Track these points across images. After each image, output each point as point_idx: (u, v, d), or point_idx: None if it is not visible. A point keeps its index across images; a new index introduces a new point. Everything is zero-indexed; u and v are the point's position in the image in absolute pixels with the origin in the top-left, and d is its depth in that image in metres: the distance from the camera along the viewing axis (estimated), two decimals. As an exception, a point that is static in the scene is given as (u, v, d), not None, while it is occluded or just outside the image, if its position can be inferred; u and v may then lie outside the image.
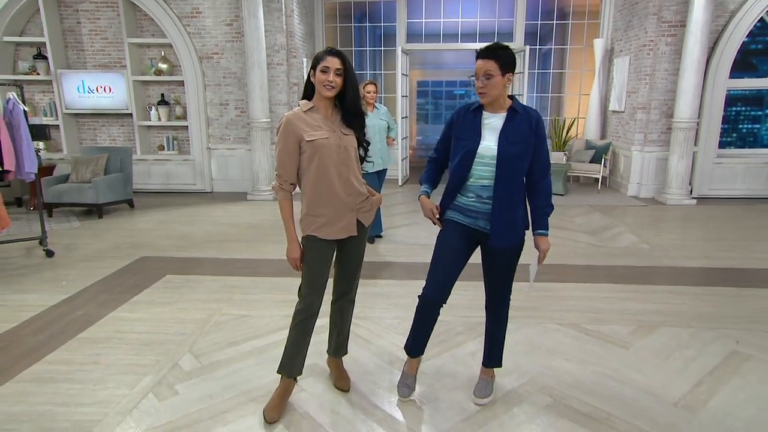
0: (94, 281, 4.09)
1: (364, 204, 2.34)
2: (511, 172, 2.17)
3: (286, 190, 2.26)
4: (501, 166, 2.16)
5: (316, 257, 2.29)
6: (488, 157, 2.18)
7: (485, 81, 2.12)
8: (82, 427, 2.27)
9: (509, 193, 2.20)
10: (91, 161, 6.45)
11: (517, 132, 2.17)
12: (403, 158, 8.86)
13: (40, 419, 2.33)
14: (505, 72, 2.12)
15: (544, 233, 2.29)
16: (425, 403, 2.48)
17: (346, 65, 2.14)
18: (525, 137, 2.16)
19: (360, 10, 9.53)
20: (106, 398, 2.49)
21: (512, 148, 2.15)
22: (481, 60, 2.13)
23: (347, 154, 2.24)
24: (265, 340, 3.09)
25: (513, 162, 2.16)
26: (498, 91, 2.15)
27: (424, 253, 4.83)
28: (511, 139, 2.16)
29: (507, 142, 2.15)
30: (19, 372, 2.71)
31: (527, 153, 2.18)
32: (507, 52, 2.13)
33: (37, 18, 7.47)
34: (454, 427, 2.30)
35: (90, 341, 3.08)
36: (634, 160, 7.55)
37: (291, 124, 2.18)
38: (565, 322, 3.36)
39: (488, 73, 2.11)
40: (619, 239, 5.39)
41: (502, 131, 2.17)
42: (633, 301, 3.70)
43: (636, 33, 7.47)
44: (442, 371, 2.77)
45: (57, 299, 3.71)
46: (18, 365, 2.78)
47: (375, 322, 3.35)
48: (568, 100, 9.65)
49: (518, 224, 2.25)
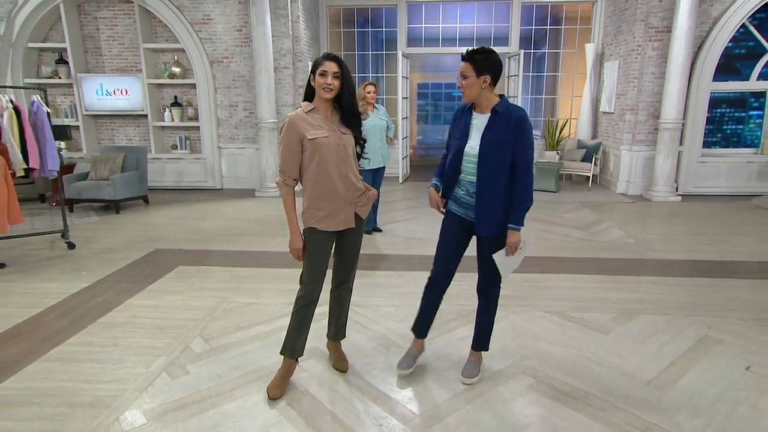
0: (112, 271, 4.20)
1: (360, 198, 2.43)
2: (491, 170, 2.25)
3: (288, 185, 2.35)
4: (481, 164, 2.26)
5: (317, 248, 2.38)
6: (472, 155, 2.29)
7: (462, 81, 2.24)
8: (103, 401, 2.38)
9: (491, 188, 2.28)
10: (109, 160, 6.56)
11: (496, 132, 2.24)
12: (404, 157, 8.93)
13: (65, 394, 2.44)
14: (480, 74, 2.19)
15: (513, 227, 2.28)
16: (417, 382, 2.57)
17: (343, 69, 2.23)
18: (504, 137, 2.22)
19: (362, 16, 9.59)
20: (123, 376, 2.60)
21: (491, 148, 2.23)
22: (462, 62, 2.23)
23: (345, 151, 2.33)
24: (269, 326, 3.19)
25: (492, 160, 2.24)
26: (474, 92, 2.24)
27: (422, 247, 4.93)
28: (490, 139, 2.24)
29: (486, 141, 2.24)
30: (45, 353, 2.83)
31: (507, 152, 2.22)
32: (484, 56, 2.19)
33: (59, 25, 7.58)
34: (444, 404, 2.39)
35: (109, 326, 3.19)
36: (623, 158, 7.60)
37: (294, 123, 2.27)
38: (550, 309, 3.44)
39: (464, 74, 2.22)
40: (607, 234, 5.46)
41: (484, 131, 2.26)
42: (616, 291, 3.78)
43: (625, 38, 7.51)
44: (434, 353, 2.85)
45: (78, 287, 3.82)
46: (43, 347, 2.90)
47: (373, 309, 3.45)
48: (561, 102, 9.69)
49: (500, 217, 2.30)
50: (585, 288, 3.86)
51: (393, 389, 2.51)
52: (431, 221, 6.01)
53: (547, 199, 7.30)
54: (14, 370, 2.65)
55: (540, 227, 5.71)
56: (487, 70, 2.19)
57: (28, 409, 2.33)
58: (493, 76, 2.22)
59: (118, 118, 8.19)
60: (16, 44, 7.39)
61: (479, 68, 2.19)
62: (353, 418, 2.28)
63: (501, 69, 2.25)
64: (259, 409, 2.34)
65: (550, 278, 4.06)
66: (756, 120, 7.82)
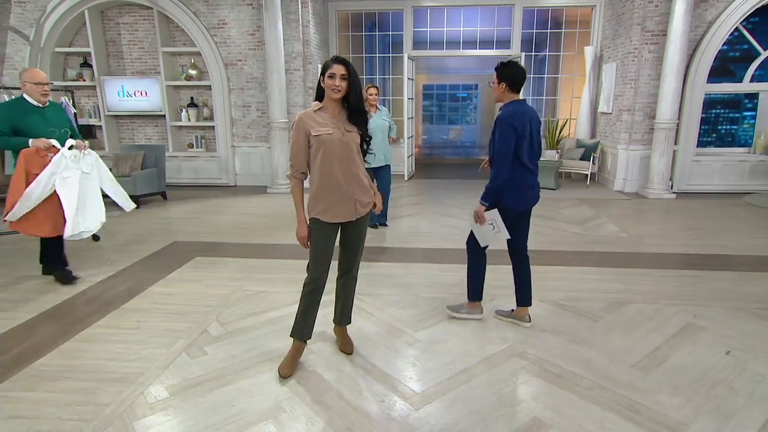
0: (134, 261, 4.34)
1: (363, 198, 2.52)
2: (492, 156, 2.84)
3: (297, 178, 2.47)
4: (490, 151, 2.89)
5: (321, 237, 2.49)
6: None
7: (493, 86, 2.85)
8: (129, 378, 2.51)
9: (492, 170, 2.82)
10: (130, 158, 6.72)
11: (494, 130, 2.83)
12: (409, 155, 9.02)
13: (95, 371, 2.58)
14: (500, 81, 2.77)
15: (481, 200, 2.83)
16: (417, 363, 2.68)
17: (350, 71, 2.33)
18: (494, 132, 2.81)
19: (370, 20, 9.67)
20: (147, 356, 2.72)
21: (491, 141, 2.86)
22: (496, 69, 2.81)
23: (348, 147, 2.42)
24: (280, 312, 3.30)
25: (492, 149, 2.85)
26: (497, 94, 2.83)
27: (424, 241, 5.03)
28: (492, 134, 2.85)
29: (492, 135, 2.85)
30: (76, 333, 2.97)
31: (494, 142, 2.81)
32: (504, 67, 2.75)
33: (84, 31, 7.75)
34: (441, 383, 2.49)
35: (132, 311, 3.32)
36: (620, 157, 7.63)
37: (301, 121, 2.39)
38: (545, 299, 3.52)
39: (493, 82, 2.84)
40: (602, 229, 5.52)
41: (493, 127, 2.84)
42: (608, 282, 3.85)
43: (622, 41, 7.53)
44: (434, 338, 2.95)
45: (104, 275, 3.97)
46: (75, 328, 3.04)
47: (377, 298, 3.55)
48: (561, 103, 9.71)
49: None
50: (580, 279, 3.94)
51: (395, 370, 2.61)
52: (434, 217, 6.11)
53: (546, 196, 7.35)
54: (49, 349, 2.79)
55: (540, 223, 5.78)
56: (504, 78, 2.75)
57: (64, 383, 2.47)
58: (509, 84, 2.75)
59: (138, 119, 8.35)
60: (44, 49, 7.57)
61: (500, 76, 2.76)
62: (357, 395, 2.39)
63: (518, 78, 2.72)
64: (270, 386, 2.45)
65: (548, 270, 4.13)
66: (749, 120, 7.82)
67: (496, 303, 3.39)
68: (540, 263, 4.29)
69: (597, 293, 3.63)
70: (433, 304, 3.45)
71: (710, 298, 3.51)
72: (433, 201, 7.07)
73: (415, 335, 3.00)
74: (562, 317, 3.23)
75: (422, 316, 3.26)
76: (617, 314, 3.27)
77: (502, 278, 3.59)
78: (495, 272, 3.56)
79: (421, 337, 2.97)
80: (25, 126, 3.51)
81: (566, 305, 3.42)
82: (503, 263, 3.30)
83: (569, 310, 3.34)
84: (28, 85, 3.52)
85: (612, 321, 3.17)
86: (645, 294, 3.61)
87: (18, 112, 3.51)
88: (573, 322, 3.17)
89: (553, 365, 2.64)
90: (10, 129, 3.47)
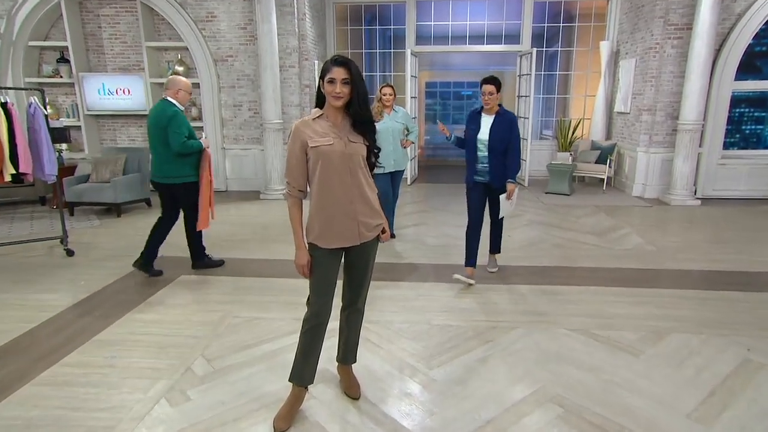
0: (111, 281, 4.03)
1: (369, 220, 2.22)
2: (496, 148, 3.75)
3: (294, 196, 2.18)
4: (491, 145, 3.76)
5: (321, 265, 2.19)
6: (483, 140, 3.80)
7: (489, 97, 3.72)
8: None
9: (497, 159, 3.78)
10: (110, 162, 6.39)
11: (498, 126, 3.75)
12: (412, 158, 8.72)
13: (56, 424, 2.26)
14: (498, 91, 3.73)
15: (511, 181, 3.79)
16: (435, 411, 2.38)
17: (353, 73, 2.02)
18: (504, 129, 3.74)
19: (370, 13, 9.38)
20: (119, 403, 2.41)
21: (496, 135, 3.74)
22: (487, 85, 3.69)
23: (352, 161, 2.12)
24: (276, 344, 3.00)
25: (496, 143, 3.74)
26: (496, 102, 3.77)
27: (433, 255, 4.74)
28: (496, 130, 3.75)
29: (494, 132, 3.75)
30: (37, 375, 2.65)
31: (505, 139, 3.73)
32: (498, 81, 3.73)
33: (61, 23, 7.41)
34: (465, 438, 2.20)
35: (106, 343, 3.01)
36: (639, 160, 7.36)
37: (298, 130, 2.10)
38: (573, 327, 3.24)
39: (491, 92, 3.70)
40: (625, 241, 5.24)
41: (492, 125, 3.77)
42: (641, 306, 3.57)
43: (642, 35, 7.26)
44: (452, 377, 2.66)
45: (76, 299, 3.66)
46: (36, 368, 2.72)
47: (384, 326, 3.25)
48: (574, 102, 9.45)
49: (502, 175, 3.80)
50: (608, 302, 3.65)
51: (410, 420, 2.31)
52: (440, 225, 5.82)
53: (560, 202, 7.08)
54: (4, 395, 2.47)
55: (555, 233, 5.50)
56: (499, 89, 3.73)
57: (16, 443, 2.16)
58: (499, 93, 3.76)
59: (121, 118, 8.02)
60: (17, 43, 7.23)
61: (498, 88, 3.72)
62: (368, 455, 2.09)
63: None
64: (265, 443, 2.15)
65: (570, 291, 3.85)
66: (778, 121, 7.54)
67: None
68: (561, 282, 4.02)
69: (632, 320, 3.35)
70: (448, 334, 3.16)
71: (761, 327, 3.22)
72: (440, 208, 6.78)
73: (431, 374, 2.70)
74: (596, 350, 2.94)
75: (436, 349, 2.97)
76: (659, 347, 2.98)
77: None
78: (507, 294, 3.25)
79: (437, 376, 2.67)
80: (190, 129, 3.95)
81: (599, 335, 3.13)
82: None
83: (603, 341, 3.05)
84: (182, 93, 3.94)
85: (654, 356, 2.88)
86: (686, 321, 3.33)
87: (185, 118, 3.93)
88: (609, 356, 2.87)
89: (594, 414, 2.35)
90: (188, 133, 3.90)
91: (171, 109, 3.85)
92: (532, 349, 2.96)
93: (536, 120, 9.80)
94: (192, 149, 3.89)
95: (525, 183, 8.40)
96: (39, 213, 6.43)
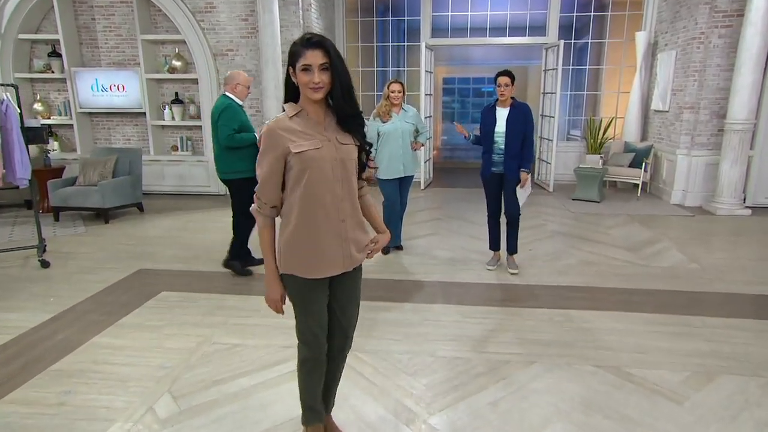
0: (84, 298, 3.82)
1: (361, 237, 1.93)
2: (513, 140, 4.04)
3: (265, 215, 1.86)
4: (507, 137, 4.05)
5: (306, 298, 1.89)
6: (501, 132, 4.09)
7: (504, 89, 3.96)
8: (27, 494, 1.95)
9: (513, 150, 4.06)
10: (99, 163, 6.24)
11: (514, 118, 4.02)
12: (426, 160, 8.41)
13: (-18, 481, 2.02)
14: (513, 84, 3.97)
15: (525, 170, 4.10)
16: (434, 474, 2.07)
17: (332, 56, 1.70)
18: (519, 120, 4.02)
19: (383, 3, 9.11)
20: (63, 453, 2.17)
21: (512, 127, 4.02)
22: (502, 77, 3.94)
23: (344, 168, 1.81)
24: (253, 379, 2.73)
25: (513, 134, 4.03)
26: (508, 95, 4.00)
27: (442, 270, 4.43)
28: (512, 122, 4.02)
29: (510, 123, 4.03)
30: (-24, 414, 2.43)
31: (521, 130, 4.02)
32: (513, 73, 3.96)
33: (52, 15, 7.31)
34: None
35: (63, 375, 2.77)
36: (679, 164, 6.91)
37: (274, 134, 1.76)
38: (603, 364, 2.89)
39: (506, 84, 3.94)
40: (664, 257, 4.83)
41: (508, 118, 4.04)
42: (684, 338, 3.19)
43: (684, 24, 6.82)
44: (456, 426, 2.34)
45: (40, 319, 3.44)
46: (-23, 405, 2.50)
47: (381, 357, 2.95)
48: (605, 99, 9.01)
49: (517, 165, 4.09)
50: (643, 332, 3.28)
51: (402, 484, 2.01)
52: (454, 236, 5.49)
53: (588, 210, 6.68)
54: (-66, 439, 2.25)
55: (582, 247, 5.12)
56: (514, 81, 3.97)
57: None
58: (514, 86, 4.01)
59: (115, 117, 7.90)
60: (6, 36, 7.16)
61: (513, 81, 3.96)
62: None
63: None
64: None
65: (598, 317, 3.50)
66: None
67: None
68: (588, 305, 3.67)
69: (673, 356, 2.98)
70: (455, 369, 2.85)
71: (834, 370, 2.83)
72: (455, 216, 6.45)
73: (431, 421, 2.39)
74: (630, 395, 2.59)
75: (440, 387, 2.66)
76: (708, 392, 2.61)
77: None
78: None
79: (438, 424, 2.36)
80: (243, 123, 4.03)
81: (634, 375, 2.77)
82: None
83: (639, 382, 2.70)
84: (240, 88, 4.04)
85: (702, 404, 2.51)
86: (740, 359, 2.94)
87: (238, 112, 4.01)
88: (647, 403, 2.52)
89: (628, 482, 2.00)
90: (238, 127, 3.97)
91: (225, 102, 3.97)
92: (553, 390, 2.63)
93: (563, 119, 9.39)
94: (241, 143, 3.93)
95: (549, 188, 8.01)
96: (23, 218, 6.30)
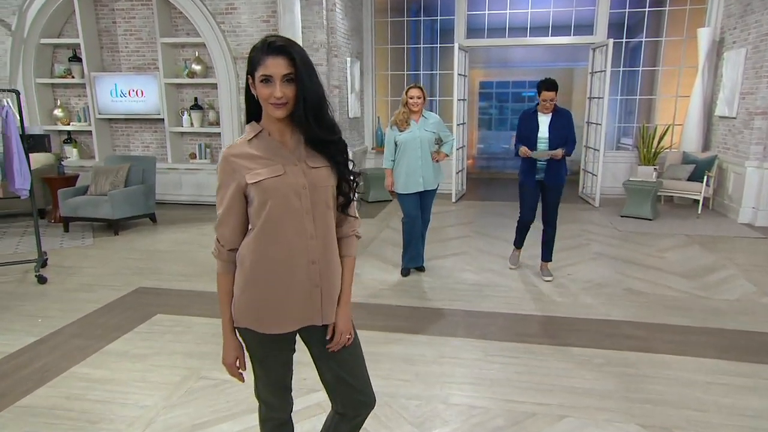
0: (74, 319, 3.70)
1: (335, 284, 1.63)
2: (555, 147, 4.19)
3: (223, 260, 1.59)
4: (551, 143, 4.21)
5: (265, 354, 1.64)
6: (543, 138, 4.24)
7: (551, 103, 4.17)
8: None
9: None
10: (111, 172, 6.24)
11: (557, 123, 4.22)
12: (458, 171, 8.07)
13: None
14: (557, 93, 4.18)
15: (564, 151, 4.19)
16: None
17: (298, 64, 1.42)
18: (563, 125, 4.22)
19: (415, 3, 8.89)
20: None
21: (556, 132, 4.21)
22: (547, 92, 4.11)
23: (315, 196, 1.53)
24: (237, 424, 2.50)
25: (556, 140, 4.20)
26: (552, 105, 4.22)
27: (469, 298, 4.11)
28: (556, 127, 4.22)
29: (553, 129, 4.22)
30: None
31: (564, 135, 4.20)
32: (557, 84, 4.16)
33: (74, 19, 7.45)
34: None
35: (28, 413, 2.61)
36: (749, 178, 6.34)
37: (229, 163, 1.50)
38: (651, 422, 2.51)
39: (551, 99, 4.15)
40: (729, 287, 4.34)
41: (550, 124, 4.23)
42: (753, 393, 2.76)
43: (757, 18, 6.29)
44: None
45: (22, 343, 3.33)
46: (-68, 443, 2.36)
47: (384, 401, 2.65)
48: (661, 104, 8.47)
49: (561, 173, 4.30)
50: (705, 384, 2.86)
51: None
52: (484, 256, 5.16)
53: (640, 229, 6.18)
54: None
55: (630, 272, 4.68)
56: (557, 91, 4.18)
57: None
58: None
59: (134, 123, 7.97)
60: (28, 40, 7.33)
61: (557, 91, 4.16)
62: None
63: None
64: None
65: (649, 361, 3.09)
66: None
67: None
68: (635, 346, 3.29)
69: (739, 415, 2.56)
70: (470, 420, 2.54)
71: None
72: (487, 234, 6.09)
73: (436, 492, 2.08)
74: (685, 470, 2.20)
75: (451, 448, 2.34)
76: (784, 471, 2.19)
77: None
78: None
79: (444, 496, 2.05)
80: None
81: (690, 441, 2.37)
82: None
83: (696, 452, 2.30)
84: None
85: (777, 488, 2.10)
86: (825, 426, 2.49)
87: None
88: (705, 482, 2.13)
89: None
90: None
91: None
92: (588, 459, 2.27)
93: (612, 126, 8.87)
94: None
95: (595, 203, 7.52)
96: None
